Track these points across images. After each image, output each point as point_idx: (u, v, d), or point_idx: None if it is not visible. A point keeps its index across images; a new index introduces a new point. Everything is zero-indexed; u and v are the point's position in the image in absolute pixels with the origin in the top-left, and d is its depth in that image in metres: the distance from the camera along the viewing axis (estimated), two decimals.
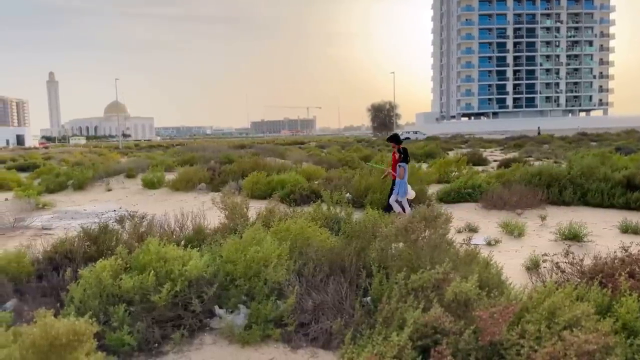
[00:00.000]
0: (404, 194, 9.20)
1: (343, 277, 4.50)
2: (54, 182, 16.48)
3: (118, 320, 3.90)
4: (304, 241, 5.31)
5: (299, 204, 10.35)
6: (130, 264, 4.69)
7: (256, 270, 4.55)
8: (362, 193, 10.30)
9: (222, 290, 4.53)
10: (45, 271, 5.15)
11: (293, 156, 24.49)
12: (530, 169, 12.15)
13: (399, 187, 9.21)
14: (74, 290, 4.18)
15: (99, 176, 17.36)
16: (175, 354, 3.86)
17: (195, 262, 4.49)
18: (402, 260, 4.30)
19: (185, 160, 23.90)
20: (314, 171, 15.57)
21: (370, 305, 4.14)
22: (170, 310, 4.19)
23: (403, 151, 9.51)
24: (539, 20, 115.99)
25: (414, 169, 11.79)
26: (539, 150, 28.51)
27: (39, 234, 9.06)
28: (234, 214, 7.30)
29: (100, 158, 30.76)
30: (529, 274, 5.50)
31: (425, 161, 21.86)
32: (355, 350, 3.17)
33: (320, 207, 7.27)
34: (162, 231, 6.18)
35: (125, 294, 4.16)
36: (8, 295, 4.76)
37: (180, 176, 15.64)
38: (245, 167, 16.32)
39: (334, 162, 20.11)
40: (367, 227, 5.35)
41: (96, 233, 5.60)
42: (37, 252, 5.68)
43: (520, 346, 2.90)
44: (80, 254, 5.31)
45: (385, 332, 3.17)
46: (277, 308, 4.23)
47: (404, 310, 3.28)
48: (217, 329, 4.24)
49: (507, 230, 8.16)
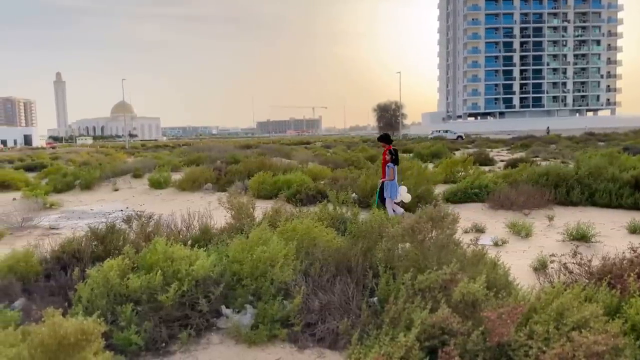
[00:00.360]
0: (395, 196, 9.06)
1: (349, 277, 4.49)
2: (61, 182, 16.58)
3: (125, 320, 3.92)
4: (311, 241, 5.31)
5: (305, 204, 10.35)
6: (138, 264, 4.70)
7: (263, 270, 4.55)
8: (368, 193, 10.29)
9: (229, 290, 4.54)
10: (53, 270, 5.17)
11: (299, 156, 24.50)
12: (537, 169, 12.08)
13: (389, 189, 9.02)
14: (82, 290, 4.20)
15: (106, 176, 17.45)
16: (182, 354, 3.87)
17: (202, 261, 4.50)
18: (409, 260, 4.29)
19: (191, 160, 23.96)
20: (320, 171, 15.56)
21: (377, 305, 4.13)
22: (178, 309, 4.20)
23: (394, 152, 9.32)
24: (546, 20, 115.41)
25: (420, 169, 11.76)
26: (546, 150, 28.36)
27: (47, 234, 9.12)
28: (241, 213, 7.32)
29: (107, 158, 30.91)
30: (537, 275, 5.46)
31: (431, 161, 21.80)
32: (362, 351, 3.16)
33: (326, 207, 7.27)
34: (169, 231, 6.20)
35: (132, 294, 4.18)
36: (16, 294, 4.79)
37: (186, 176, 15.69)
38: (251, 167, 16.35)
39: (340, 162, 20.10)
40: (374, 227, 5.34)
41: (103, 233, 5.63)
42: (45, 252, 5.71)
43: (529, 347, 2.89)
44: (87, 253, 5.34)
45: (393, 333, 3.16)
46: (283, 308, 4.23)
47: (411, 310, 3.27)
48: (224, 328, 4.25)
49: (514, 231, 8.12)
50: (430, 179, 11.38)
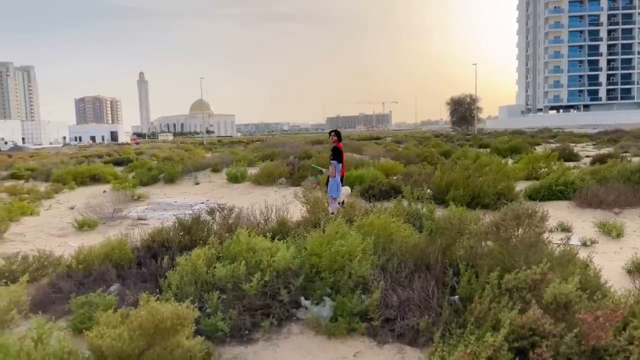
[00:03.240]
0: (338, 194, 8.79)
1: (429, 274, 4.42)
2: (147, 175, 17.64)
3: (212, 307, 4.10)
4: (387, 237, 5.28)
5: (378, 199, 10.29)
6: (222, 254, 4.91)
7: (341, 263, 4.59)
8: (443, 189, 10.05)
9: (308, 282, 4.62)
10: (144, 258, 5.52)
11: (369, 151, 24.36)
12: (629, 165, 11.24)
13: (335, 188, 8.76)
14: (172, 277, 4.44)
15: (187, 170, 18.33)
16: (265, 342, 3.98)
17: (283, 253, 4.62)
18: (493, 259, 4.15)
19: (265, 156, 24.58)
20: (392, 166, 15.41)
21: (458, 304, 4.03)
22: (260, 299, 4.34)
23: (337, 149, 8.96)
24: (637, 5, 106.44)
25: (500, 165, 11.29)
26: (637, 146, 26.23)
27: (136, 224, 9.73)
28: (316, 208, 7.42)
29: (187, 153, 32.39)
30: (631, 277, 5.11)
31: (510, 156, 20.89)
32: (445, 349, 3.11)
33: (401, 203, 7.19)
34: (249, 223, 6.41)
35: (218, 282, 4.36)
36: (112, 280, 5.16)
37: (261, 171, 16.13)
38: (323, 162, 16.47)
39: (412, 158, 19.76)
40: (453, 224, 5.22)
41: (189, 224, 5.91)
42: (135, 241, 6.11)
43: (629, 352, 2.70)
44: (175, 243, 5.63)
45: (478, 333, 3.07)
46: (361, 302, 4.24)
47: (498, 310, 3.16)
48: (303, 319, 4.33)
49: (604, 231, 7.61)
50: (511, 175, 10.89)
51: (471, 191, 9.55)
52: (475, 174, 10.12)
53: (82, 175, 18.02)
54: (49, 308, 4.62)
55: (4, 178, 20.20)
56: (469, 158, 14.56)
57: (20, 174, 20.79)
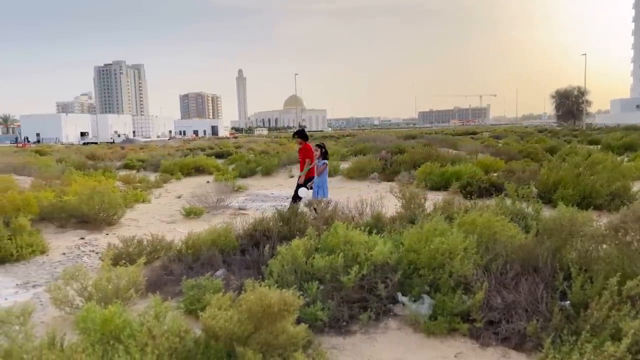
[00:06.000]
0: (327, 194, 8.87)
1: (537, 277, 4.18)
2: (245, 168, 18.47)
3: (311, 296, 4.20)
4: (491, 236, 5.06)
5: (477, 197, 9.91)
6: (320, 245, 5.01)
7: (440, 261, 4.48)
8: (550, 187, 9.43)
9: (405, 278, 4.57)
10: (247, 246, 5.78)
11: (466, 147, 23.51)
12: None
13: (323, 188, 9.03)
14: (274, 265, 4.61)
15: (283, 164, 18.92)
16: (362, 335, 4.01)
17: (381, 247, 4.61)
18: (610, 264, 3.83)
19: (357, 150, 24.67)
20: (491, 163, 14.75)
21: (569, 309, 3.77)
22: (357, 292, 4.37)
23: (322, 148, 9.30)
24: None
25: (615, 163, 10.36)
26: None
27: (237, 213, 10.23)
28: (411, 203, 7.31)
29: (281, 147, 33.38)
30: None
31: (625, 154, 19.12)
32: (557, 356, 2.93)
33: (503, 200, 6.86)
34: (344, 216, 6.47)
35: (317, 272, 4.46)
36: (218, 265, 5.47)
37: (354, 165, 16.21)
38: (417, 157, 16.19)
39: (514, 154, 18.76)
40: (564, 225, 4.87)
41: (288, 215, 6.10)
42: (237, 229, 6.41)
43: None
44: (275, 232, 5.84)
45: (595, 341, 2.86)
46: (463, 302, 4.11)
47: (619, 319, 2.92)
48: (400, 315, 4.30)
49: None
50: (627, 174, 9.97)
51: (582, 190, 8.87)
52: (587, 172, 9.38)
53: (188, 166, 19.27)
54: (162, 289, 4.97)
55: (118, 168, 22.12)
56: (579, 155, 13.51)
57: (132, 165, 22.69)
